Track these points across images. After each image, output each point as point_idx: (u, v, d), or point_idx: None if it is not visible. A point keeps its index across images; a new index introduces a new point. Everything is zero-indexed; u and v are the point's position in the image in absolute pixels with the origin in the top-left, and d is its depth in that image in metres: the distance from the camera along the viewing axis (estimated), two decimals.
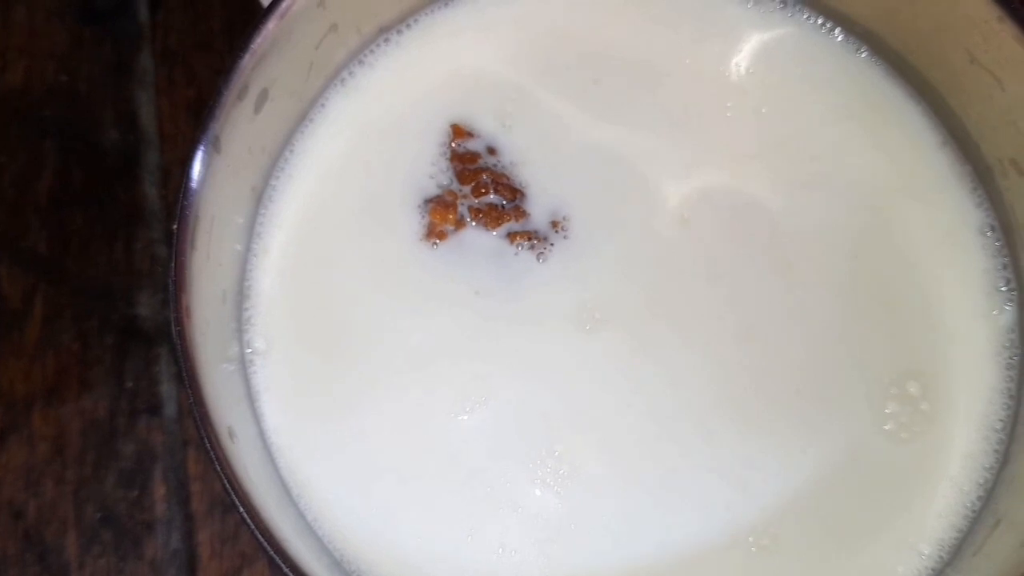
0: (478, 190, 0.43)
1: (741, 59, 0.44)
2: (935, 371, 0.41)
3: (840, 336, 0.41)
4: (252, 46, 0.37)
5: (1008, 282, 0.42)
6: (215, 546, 0.49)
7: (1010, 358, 0.41)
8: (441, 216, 0.42)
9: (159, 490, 0.49)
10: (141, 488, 0.49)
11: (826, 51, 0.44)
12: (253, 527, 0.33)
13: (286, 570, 0.33)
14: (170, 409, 0.51)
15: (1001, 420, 0.41)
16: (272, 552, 0.33)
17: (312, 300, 0.42)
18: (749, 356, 0.41)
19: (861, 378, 0.41)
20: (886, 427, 0.41)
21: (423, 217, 0.43)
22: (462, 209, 0.43)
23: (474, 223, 0.42)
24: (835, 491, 0.40)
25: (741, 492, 0.40)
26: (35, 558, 0.49)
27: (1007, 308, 0.42)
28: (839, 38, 0.44)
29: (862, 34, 0.44)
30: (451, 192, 0.43)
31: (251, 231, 0.42)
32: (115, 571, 0.49)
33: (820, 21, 0.45)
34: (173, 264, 0.35)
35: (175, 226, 0.35)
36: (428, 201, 0.43)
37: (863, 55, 0.44)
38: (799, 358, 0.41)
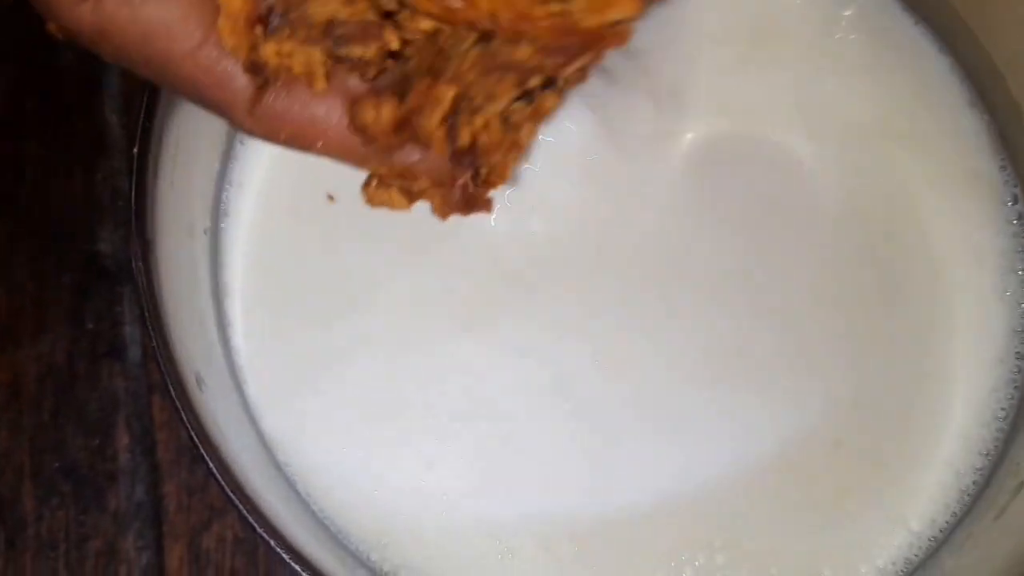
0: None
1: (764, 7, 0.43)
2: (942, 348, 0.40)
3: (846, 303, 0.40)
4: None
5: None
6: (182, 499, 0.46)
7: (1020, 344, 0.40)
8: None
9: (122, 439, 0.47)
10: (103, 437, 0.47)
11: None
12: (222, 481, 0.31)
13: (257, 528, 0.31)
14: (134, 353, 0.48)
15: (1003, 409, 0.40)
16: (244, 509, 0.30)
17: (296, 235, 0.39)
18: (748, 309, 0.40)
19: (861, 349, 0.40)
20: (883, 399, 0.40)
21: None
22: None
23: None
24: (833, 463, 0.39)
25: (737, 450, 0.39)
26: None
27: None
28: None
29: None
30: None
31: (226, 159, 0.39)
32: (75, 524, 0.46)
33: None
34: (132, 192, 0.32)
35: (135, 150, 0.33)
36: None
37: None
38: (794, 321, 0.40)
